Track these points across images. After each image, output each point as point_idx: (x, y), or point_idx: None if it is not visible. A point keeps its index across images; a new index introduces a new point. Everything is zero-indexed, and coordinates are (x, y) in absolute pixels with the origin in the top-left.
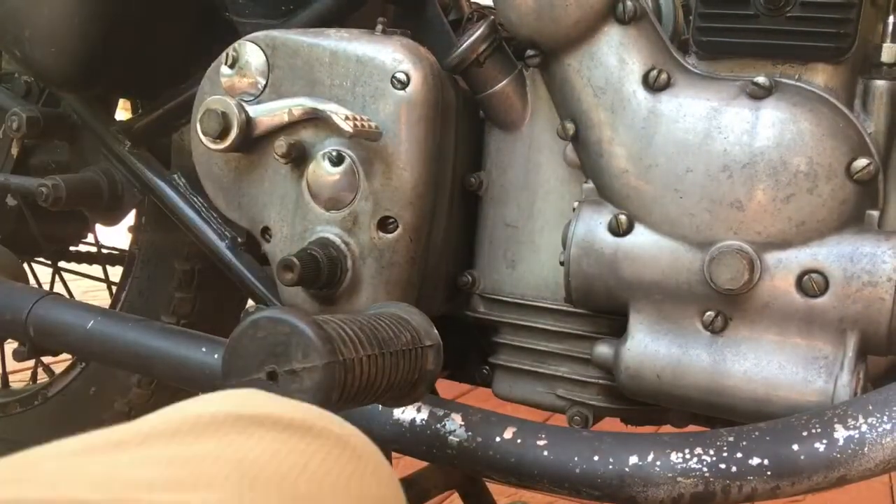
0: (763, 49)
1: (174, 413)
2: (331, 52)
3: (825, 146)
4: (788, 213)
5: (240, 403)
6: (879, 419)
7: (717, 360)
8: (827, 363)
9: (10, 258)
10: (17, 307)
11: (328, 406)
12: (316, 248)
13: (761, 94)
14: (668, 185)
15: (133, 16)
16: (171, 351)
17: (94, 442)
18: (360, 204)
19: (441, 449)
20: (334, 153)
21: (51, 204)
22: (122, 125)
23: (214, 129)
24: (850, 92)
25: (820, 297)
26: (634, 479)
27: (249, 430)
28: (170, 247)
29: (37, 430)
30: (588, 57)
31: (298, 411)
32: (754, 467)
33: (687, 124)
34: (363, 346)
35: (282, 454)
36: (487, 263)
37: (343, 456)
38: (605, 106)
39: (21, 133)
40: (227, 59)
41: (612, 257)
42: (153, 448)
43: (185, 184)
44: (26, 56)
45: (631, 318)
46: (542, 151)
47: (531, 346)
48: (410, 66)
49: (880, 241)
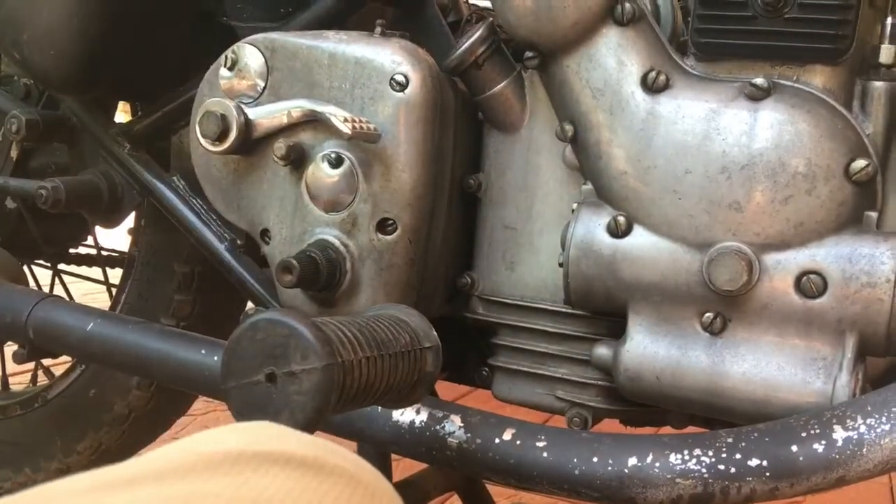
0: (761, 50)
1: (188, 449)
2: (329, 55)
3: (823, 147)
4: (787, 214)
5: (253, 440)
6: (878, 420)
7: (715, 362)
8: (826, 364)
9: (9, 260)
10: (17, 309)
11: (327, 407)
12: (315, 250)
13: (760, 96)
14: (666, 186)
15: (132, 18)
16: (170, 353)
17: (108, 478)
18: (359, 206)
19: (440, 451)
20: (333, 155)
21: (50, 206)
22: (121, 128)
23: (213, 131)
24: (849, 93)
25: (818, 298)
26: (633, 481)
27: (263, 467)
28: (169, 249)
29: (37, 432)
30: (586, 58)
31: (311, 448)
32: (753, 468)
33: (685, 126)
34: (362, 347)
35: (295, 492)
36: (486, 265)
37: (356, 494)
38: (604, 107)
39: (20, 136)
40: (226, 62)
41: (611, 259)
42: (168, 485)
43: (184, 186)
44: (25, 59)
45: (630, 320)
46: (541, 153)
47: (530, 347)
48: (409, 68)
49: (879, 242)
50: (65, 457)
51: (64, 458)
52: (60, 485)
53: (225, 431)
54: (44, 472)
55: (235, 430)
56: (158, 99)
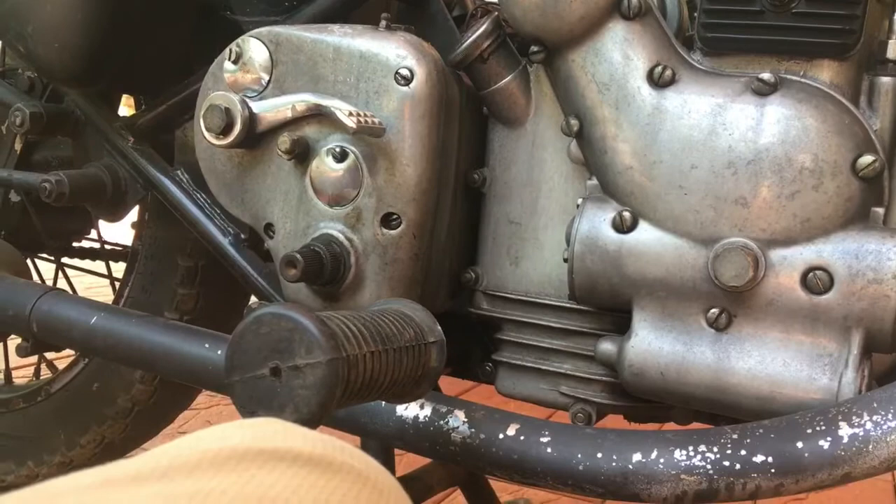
0: (768, 45)
1: (194, 445)
2: (334, 48)
3: (830, 143)
4: (793, 209)
5: (259, 436)
6: (884, 416)
7: (721, 358)
8: (831, 360)
9: (13, 254)
10: (21, 303)
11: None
12: (319, 245)
13: (766, 91)
14: (672, 181)
15: (136, 11)
16: (174, 347)
17: (113, 475)
18: (363, 200)
19: (444, 446)
20: (338, 149)
21: (54, 200)
22: (125, 121)
23: (218, 124)
24: (856, 88)
25: (825, 294)
26: (638, 477)
27: (270, 464)
28: (173, 243)
29: (40, 426)
30: (592, 53)
31: (318, 445)
32: (758, 465)
33: (692, 121)
34: (367, 342)
35: (302, 490)
36: (491, 260)
37: (363, 491)
38: (610, 102)
39: (24, 129)
40: (230, 55)
41: (616, 254)
42: (173, 482)
43: (188, 180)
44: (30, 52)
45: (635, 315)
46: (546, 148)
47: (534, 342)
48: (414, 62)
49: (885, 239)
50: (68, 450)
51: (67, 452)
52: (65, 481)
53: (230, 428)
54: (47, 465)
55: (241, 427)
56: (162, 92)
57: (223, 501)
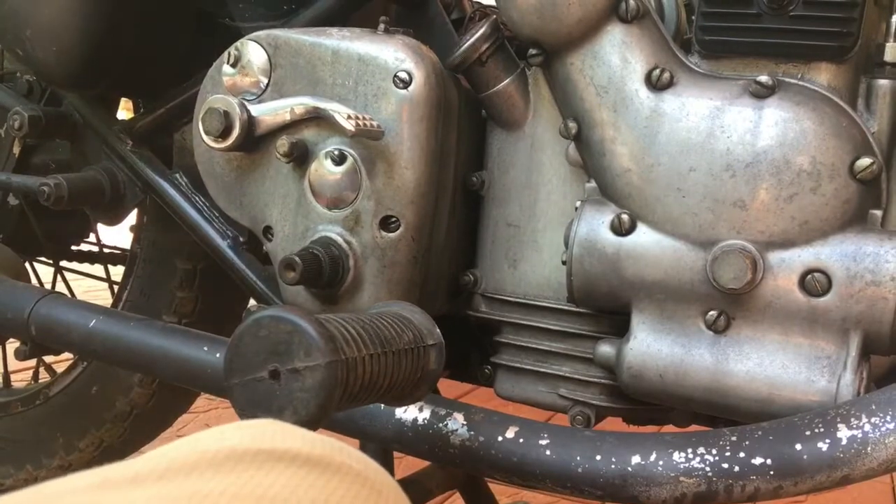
0: (766, 48)
1: (192, 446)
2: (333, 51)
3: (828, 145)
4: (791, 212)
5: (258, 437)
6: (883, 419)
7: (719, 360)
8: (830, 363)
9: (11, 257)
10: (19, 306)
11: (330, 404)
12: (318, 248)
13: (764, 94)
14: (670, 184)
15: (134, 15)
16: (172, 350)
17: (110, 477)
18: (362, 203)
19: (443, 448)
20: (336, 152)
21: (52, 203)
22: (123, 124)
23: (216, 128)
24: (854, 91)
25: (823, 296)
26: (637, 479)
27: (268, 465)
28: (171, 246)
29: (39, 429)
30: (590, 56)
31: (317, 446)
32: (757, 467)
33: (690, 123)
34: (365, 345)
35: (301, 490)
36: (489, 263)
37: (362, 492)
38: (608, 105)
39: (23, 132)
40: (229, 58)
41: (615, 257)
42: (171, 483)
43: (186, 183)
44: (28, 55)
45: (633, 318)
46: (545, 151)
47: (533, 345)
48: (412, 66)
49: (883, 241)
50: (66, 454)
51: (65, 456)
52: (62, 483)
53: (228, 429)
54: (45, 469)
55: (239, 428)
56: (161, 96)
57: (221, 502)
